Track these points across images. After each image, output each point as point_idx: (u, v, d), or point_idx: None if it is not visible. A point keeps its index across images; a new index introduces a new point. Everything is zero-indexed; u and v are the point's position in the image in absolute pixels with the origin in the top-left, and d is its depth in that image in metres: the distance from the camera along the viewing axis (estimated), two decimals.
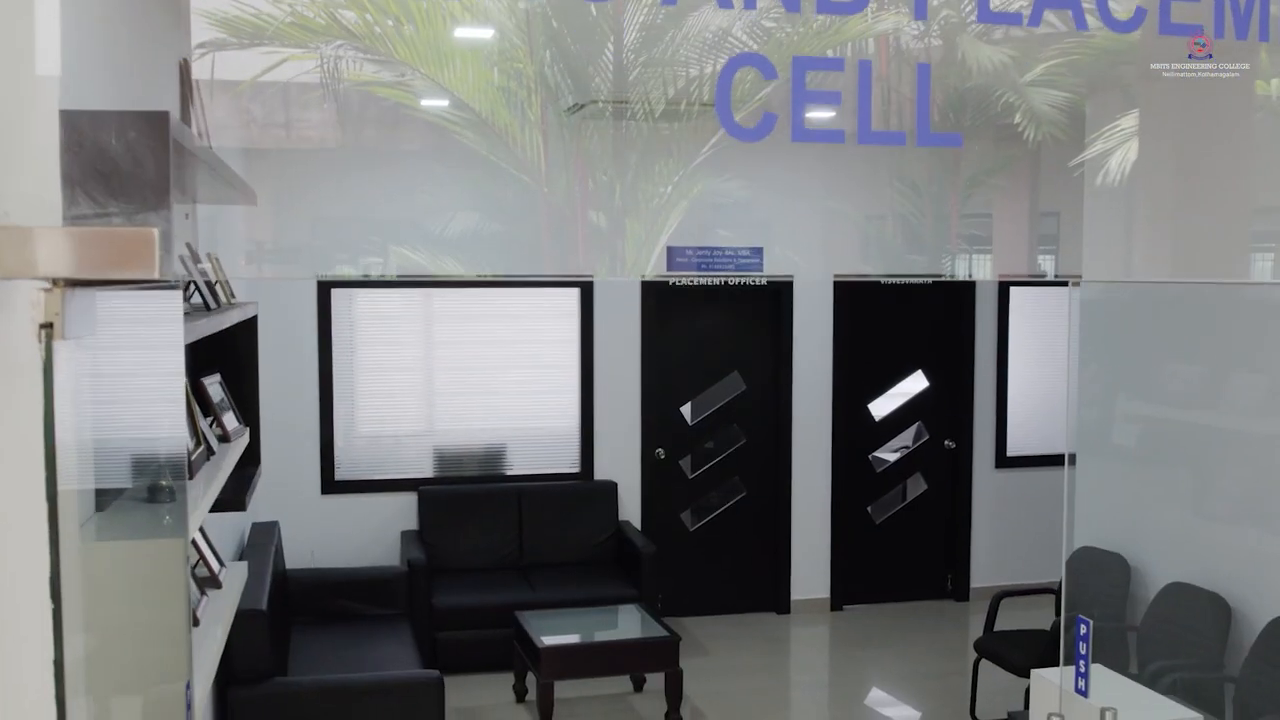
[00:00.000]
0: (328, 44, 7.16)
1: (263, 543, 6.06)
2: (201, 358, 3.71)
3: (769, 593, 8.04)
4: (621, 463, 7.67)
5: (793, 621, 7.94)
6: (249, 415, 3.95)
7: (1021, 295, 8.27)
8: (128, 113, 1.78)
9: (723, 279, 7.80)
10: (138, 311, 1.83)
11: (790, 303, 7.91)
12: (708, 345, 7.94)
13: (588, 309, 7.57)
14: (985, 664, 6.03)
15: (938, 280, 8.30)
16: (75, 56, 2.33)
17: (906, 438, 8.25)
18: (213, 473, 3.01)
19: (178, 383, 2.04)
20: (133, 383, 1.93)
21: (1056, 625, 5.49)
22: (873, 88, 3.90)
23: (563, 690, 6.02)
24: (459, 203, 8.96)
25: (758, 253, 7.96)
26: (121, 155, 1.51)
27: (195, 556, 3.42)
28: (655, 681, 6.19)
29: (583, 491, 7.55)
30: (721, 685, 6.68)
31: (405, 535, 7.23)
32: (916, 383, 8.26)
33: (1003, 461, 8.29)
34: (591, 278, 7.59)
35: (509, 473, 7.57)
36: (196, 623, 3.07)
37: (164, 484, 2.12)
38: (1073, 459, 4.02)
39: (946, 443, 8.28)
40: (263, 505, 6.60)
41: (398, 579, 6.62)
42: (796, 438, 7.96)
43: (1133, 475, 5.16)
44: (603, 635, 6.62)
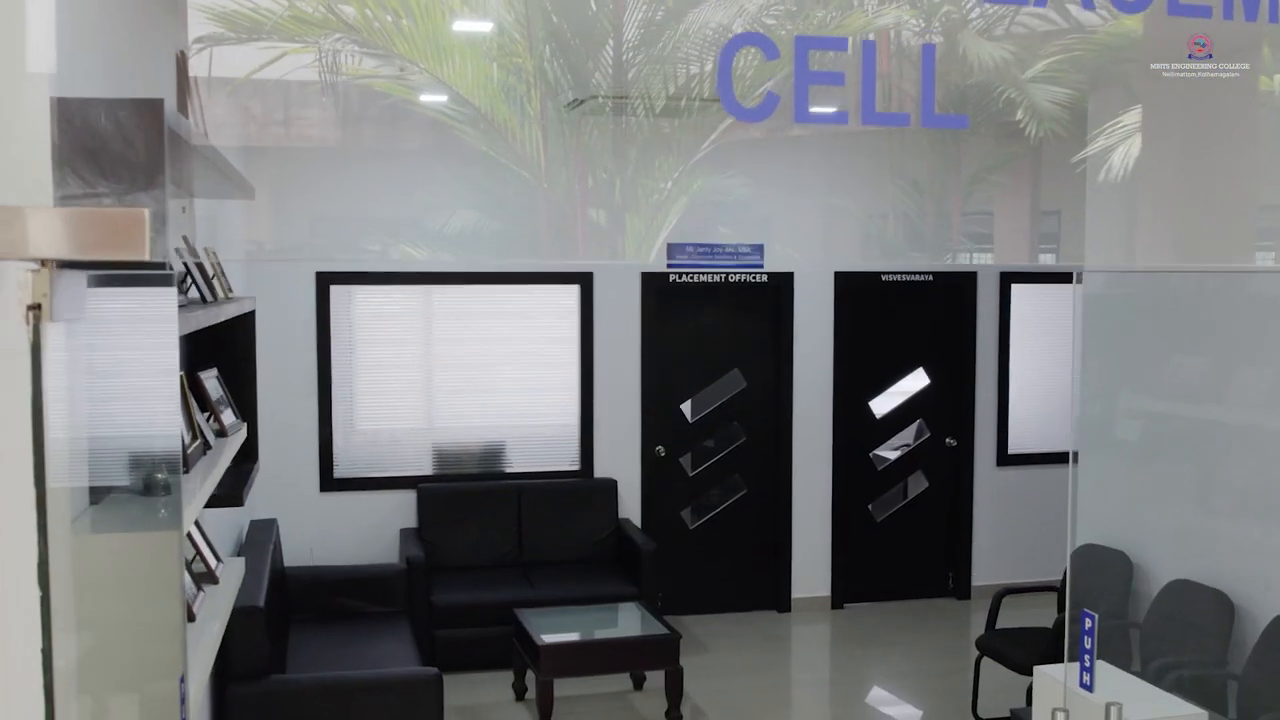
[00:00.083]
0: (326, 38, 7.16)
1: (261, 540, 6.05)
2: (199, 353, 3.69)
3: (769, 591, 8.01)
4: (621, 460, 7.64)
5: (793, 620, 7.92)
6: (246, 411, 3.94)
7: (1023, 293, 8.24)
8: (122, 99, 1.77)
9: (723, 275, 7.79)
10: (132, 300, 1.81)
11: (791, 300, 7.88)
12: (708, 342, 7.92)
13: (587, 306, 7.54)
14: (987, 662, 6.01)
15: (939, 277, 8.27)
16: (68, 41, 2.31)
17: (907, 435, 8.22)
18: (209, 467, 3.01)
19: (172, 375, 2.02)
20: (128, 373, 1.92)
21: (1058, 623, 5.46)
22: (875, 85, 3.89)
23: (562, 688, 6.01)
24: (459, 200, 8.96)
25: (758, 249, 7.95)
26: (111, 135, 1.49)
27: (192, 552, 3.40)
28: (655, 680, 6.17)
29: (582, 489, 7.53)
30: (722, 684, 6.66)
31: (404, 533, 7.21)
32: (918, 380, 8.24)
33: (1004, 459, 8.27)
34: (591, 269, 7.57)
35: (508, 470, 7.55)
36: (193, 618, 3.06)
37: (159, 477, 2.11)
38: (1075, 455, 3.99)
39: (948, 440, 8.25)
40: (261, 502, 6.59)
41: (397, 576, 6.61)
42: (797, 435, 7.93)
43: (1135, 471, 5.13)
44: (602, 633, 6.59)
